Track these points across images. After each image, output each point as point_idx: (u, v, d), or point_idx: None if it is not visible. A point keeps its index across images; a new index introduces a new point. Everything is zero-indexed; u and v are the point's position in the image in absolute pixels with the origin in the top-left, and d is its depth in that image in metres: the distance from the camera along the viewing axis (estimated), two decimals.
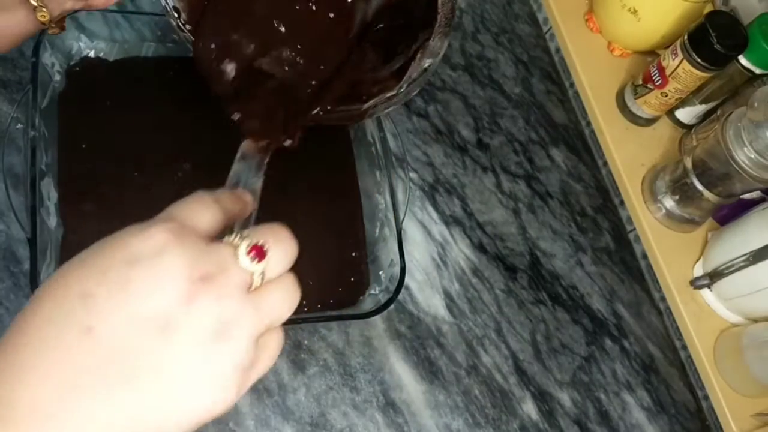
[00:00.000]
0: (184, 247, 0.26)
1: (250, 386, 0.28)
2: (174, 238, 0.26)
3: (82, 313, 0.25)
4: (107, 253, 0.26)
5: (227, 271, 0.27)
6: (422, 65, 0.48)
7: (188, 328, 0.25)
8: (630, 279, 0.75)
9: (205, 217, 0.29)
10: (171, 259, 0.25)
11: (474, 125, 0.75)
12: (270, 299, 0.28)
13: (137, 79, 0.59)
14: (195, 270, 0.26)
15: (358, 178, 0.63)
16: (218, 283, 0.26)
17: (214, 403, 0.26)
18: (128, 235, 0.26)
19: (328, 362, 0.57)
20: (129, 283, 0.25)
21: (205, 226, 0.28)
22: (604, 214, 0.77)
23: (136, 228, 0.27)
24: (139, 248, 0.26)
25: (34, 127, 0.50)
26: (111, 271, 0.25)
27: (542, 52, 0.85)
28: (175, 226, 0.27)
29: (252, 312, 0.27)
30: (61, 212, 0.52)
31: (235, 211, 0.32)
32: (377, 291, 0.57)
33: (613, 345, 0.69)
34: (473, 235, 0.68)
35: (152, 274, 0.25)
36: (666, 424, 0.68)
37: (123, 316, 0.25)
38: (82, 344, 0.24)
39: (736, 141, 0.63)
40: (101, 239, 0.27)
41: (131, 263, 0.25)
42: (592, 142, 0.81)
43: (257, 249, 0.28)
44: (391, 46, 0.50)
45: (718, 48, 0.67)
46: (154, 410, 0.25)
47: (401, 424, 0.57)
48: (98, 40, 0.58)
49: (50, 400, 0.24)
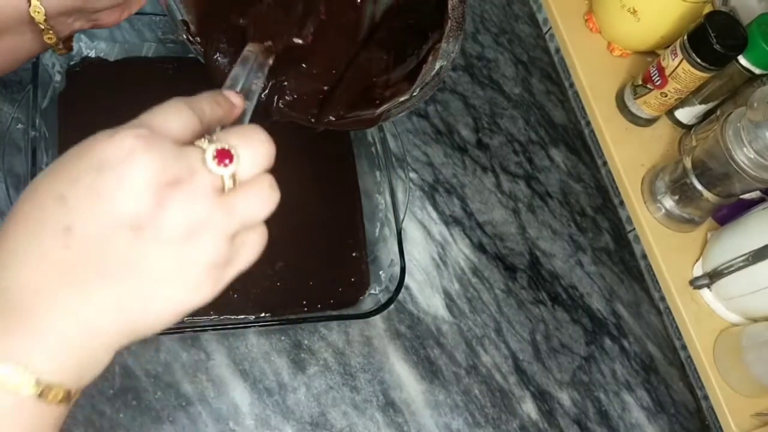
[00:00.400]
0: (151, 152, 0.26)
1: (230, 279, 0.29)
2: (142, 144, 0.26)
3: (59, 214, 0.26)
4: (77, 159, 0.27)
5: (195, 175, 0.27)
6: (434, 67, 0.48)
7: (158, 228, 0.26)
8: (629, 279, 0.75)
9: (176, 122, 0.29)
10: (139, 165, 0.26)
11: (474, 125, 0.75)
12: (243, 200, 0.29)
13: (138, 80, 0.59)
14: (163, 174, 0.26)
15: (358, 178, 0.63)
16: (187, 187, 0.27)
17: (189, 295, 0.28)
18: (97, 141, 0.27)
19: (328, 362, 0.57)
20: (98, 187, 0.26)
21: (176, 132, 0.29)
22: (604, 214, 0.77)
23: (105, 134, 0.27)
24: (107, 154, 0.26)
25: (35, 128, 0.50)
26: (81, 176, 0.26)
27: (542, 52, 0.85)
28: (144, 132, 0.27)
29: (222, 212, 0.28)
30: None
31: (217, 116, 0.32)
32: (377, 291, 0.57)
33: (613, 345, 0.70)
34: (473, 235, 0.68)
35: (120, 179, 0.26)
36: (665, 423, 0.68)
37: (96, 217, 0.26)
38: (61, 243, 0.26)
39: (736, 141, 0.64)
40: (77, 144, 0.28)
41: (100, 169, 0.26)
42: (592, 143, 0.81)
43: (223, 152, 0.28)
44: (401, 47, 0.50)
45: (718, 48, 0.67)
46: (131, 304, 0.27)
47: (401, 423, 0.57)
48: (99, 40, 0.58)
49: (33, 294, 0.25)
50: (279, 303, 0.55)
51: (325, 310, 0.56)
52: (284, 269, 0.56)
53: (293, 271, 0.56)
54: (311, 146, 0.63)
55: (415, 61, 0.49)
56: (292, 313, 0.55)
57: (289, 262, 0.56)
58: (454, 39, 0.48)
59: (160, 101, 0.62)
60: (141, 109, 0.62)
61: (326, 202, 0.61)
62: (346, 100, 0.48)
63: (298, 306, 0.55)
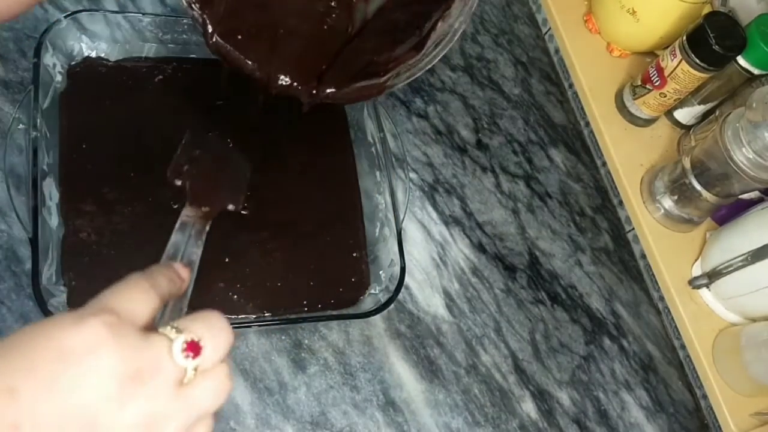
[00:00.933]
0: (118, 343, 0.25)
1: None
2: (109, 334, 0.25)
3: (9, 409, 0.24)
4: (34, 346, 0.25)
5: (160, 368, 0.26)
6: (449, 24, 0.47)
7: (116, 425, 0.25)
8: (629, 279, 0.75)
9: (141, 305, 0.28)
10: (104, 357, 0.25)
11: (473, 126, 0.75)
12: (201, 392, 0.28)
13: (138, 80, 0.59)
14: (128, 368, 0.25)
15: (358, 178, 0.63)
16: (150, 381, 0.26)
17: None
18: (60, 327, 0.26)
19: (329, 361, 0.57)
20: (58, 379, 0.24)
21: (141, 316, 0.28)
22: (603, 214, 0.78)
23: (69, 319, 0.26)
24: (71, 342, 0.25)
25: (36, 128, 0.50)
26: (40, 365, 0.25)
27: (541, 52, 0.85)
28: (110, 320, 0.26)
29: (181, 407, 0.27)
30: (62, 212, 0.52)
31: (172, 291, 0.32)
32: (377, 291, 0.57)
33: (612, 344, 0.70)
34: (473, 235, 0.69)
35: (83, 371, 0.25)
36: (665, 423, 0.68)
37: (50, 413, 0.24)
38: None
39: (735, 141, 0.64)
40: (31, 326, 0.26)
41: (62, 358, 0.25)
42: (591, 143, 0.81)
43: (192, 345, 0.28)
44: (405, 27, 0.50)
45: (717, 49, 0.67)
46: None
47: (401, 423, 0.57)
48: (99, 40, 0.59)
49: None
50: (279, 303, 0.55)
51: (325, 309, 0.56)
52: (284, 269, 0.56)
53: (293, 271, 0.56)
54: (311, 146, 0.63)
55: (417, 39, 0.49)
56: (293, 312, 0.55)
57: (289, 262, 0.57)
58: None
59: (161, 101, 0.63)
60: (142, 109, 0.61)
61: (326, 202, 0.61)
62: (346, 73, 0.48)
63: (298, 306, 0.56)
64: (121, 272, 0.51)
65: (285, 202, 0.59)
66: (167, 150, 0.58)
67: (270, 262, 0.56)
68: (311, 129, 0.63)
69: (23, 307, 0.50)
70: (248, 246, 0.56)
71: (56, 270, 0.50)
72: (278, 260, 0.56)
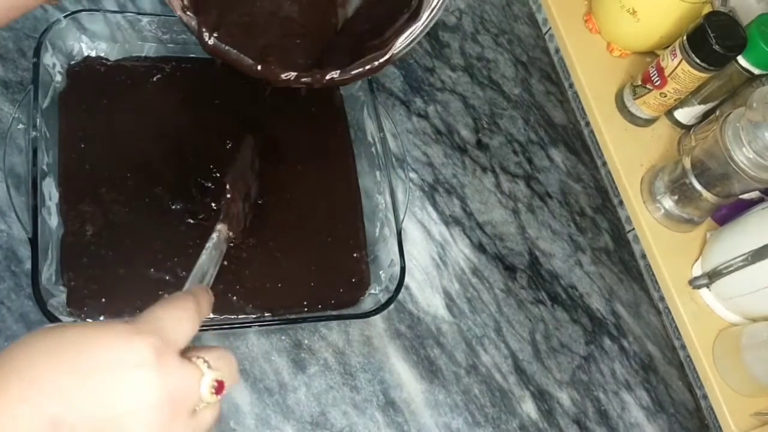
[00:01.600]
0: (160, 367, 0.28)
1: None
2: (154, 357, 0.28)
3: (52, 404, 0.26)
4: (90, 347, 0.27)
5: (188, 398, 0.29)
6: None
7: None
8: (629, 279, 0.75)
9: (185, 330, 0.31)
10: (147, 378, 0.27)
11: (473, 126, 0.75)
12: (204, 421, 0.31)
13: (138, 80, 0.59)
14: (163, 393, 0.28)
15: (358, 178, 0.63)
16: (178, 407, 0.29)
17: None
18: (115, 336, 0.28)
19: (329, 361, 0.57)
20: (103, 385, 0.27)
21: (183, 341, 0.30)
22: (603, 214, 0.78)
23: (124, 331, 0.28)
24: (121, 355, 0.27)
25: (36, 128, 0.50)
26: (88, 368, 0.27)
27: (541, 52, 0.85)
28: (158, 344, 0.28)
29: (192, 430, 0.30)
30: (62, 212, 0.52)
31: (206, 316, 0.34)
32: (377, 291, 0.57)
33: (612, 344, 0.70)
34: (473, 235, 0.69)
35: (126, 384, 0.27)
36: (665, 423, 0.68)
37: (88, 415, 0.26)
38: None
39: (735, 141, 0.64)
40: (87, 326, 0.28)
41: (110, 368, 0.27)
42: (591, 143, 0.81)
43: (220, 384, 0.30)
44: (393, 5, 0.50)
45: (717, 48, 0.67)
46: None
47: (401, 423, 0.57)
48: (99, 40, 0.58)
49: None
50: (279, 303, 0.55)
51: (325, 310, 0.56)
52: (284, 269, 0.56)
53: (293, 272, 0.56)
54: (311, 146, 0.63)
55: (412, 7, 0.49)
56: (293, 313, 0.55)
57: (289, 263, 0.57)
58: None
59: (161, 101, 0.63)
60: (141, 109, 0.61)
61: (326, 203, 0.61)
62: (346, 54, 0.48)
63: (298, 306, 0.56)
64: (120, 272, 0.51)
65: (285, 203, 0.59)
66: (167, 149, 0.58)
67: (270, 263, 0.56)
68: (311, 129, 0.63)
69: (23, 307, 0.50)
70: (248, 246, 0.56)
71: (56, 270, 0.50)
72: (278, 260, 0.56)
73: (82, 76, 0.57)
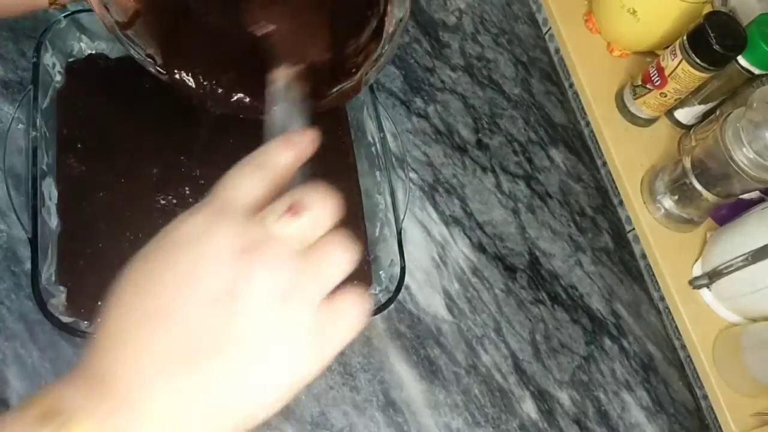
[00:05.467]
0: (226, 222, 0.28)
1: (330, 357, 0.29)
2: (216, 217, 0.28)
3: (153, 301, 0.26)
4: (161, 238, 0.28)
5: (271, 237, 0.28)
6: (396, 16, 0.47)
7: (247, 297, 0.26)
8: (629, 279, 0.75)
9: (245, 189, 0.30)
10: (217, 236, 0.27)
11: (474, 126, 0.75)
12: (320, 258, 0.29)
13: (138, 79, 0.59)
14: (241, 241, 0.27)
15: (358, 178, 0.63)
16: (267, 251, 0.27)
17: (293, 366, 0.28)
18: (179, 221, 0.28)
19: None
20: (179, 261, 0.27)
21: (245, 199, 0.29)
22: (604, 214, 0.78)
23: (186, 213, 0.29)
24: (187, 230, 0.28)
25: (35, 128, 0.50)
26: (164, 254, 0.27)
27: (542, 52, 0.85)
28: (216, 207, 0.28)
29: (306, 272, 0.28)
30: (62, 212, 0.52)
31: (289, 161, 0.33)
32: (377, 291, 0.57)
33: (613, 344, 0.70)
34: (473, 235, 0.69)
35: (202, 250, 0.27)
36: (665, 423, 0.68)
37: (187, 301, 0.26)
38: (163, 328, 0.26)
39: (735, 141, 0.64)
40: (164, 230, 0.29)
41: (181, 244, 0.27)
42: (592, 143, 0.81)
43: (292, 208, 0.29)
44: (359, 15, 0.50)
45: (717, 48, 0.67)
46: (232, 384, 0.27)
47: (401, 423, 0.57)
48: (99, 40, 0.58)
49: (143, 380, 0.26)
50: None
51: None
52: None
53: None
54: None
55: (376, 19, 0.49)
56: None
57: None
58: None
59: (161, 101, 0.62)
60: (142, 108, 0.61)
61: None
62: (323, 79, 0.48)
63: None
64: (120, 272, 0.51)
65: None
66: (168, 148, 0.58)
67: None
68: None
69: (23, 307, 0.50)
70: None
71: (56, 270, 0.50)
72: None
73: (82, 75, 0.57)
